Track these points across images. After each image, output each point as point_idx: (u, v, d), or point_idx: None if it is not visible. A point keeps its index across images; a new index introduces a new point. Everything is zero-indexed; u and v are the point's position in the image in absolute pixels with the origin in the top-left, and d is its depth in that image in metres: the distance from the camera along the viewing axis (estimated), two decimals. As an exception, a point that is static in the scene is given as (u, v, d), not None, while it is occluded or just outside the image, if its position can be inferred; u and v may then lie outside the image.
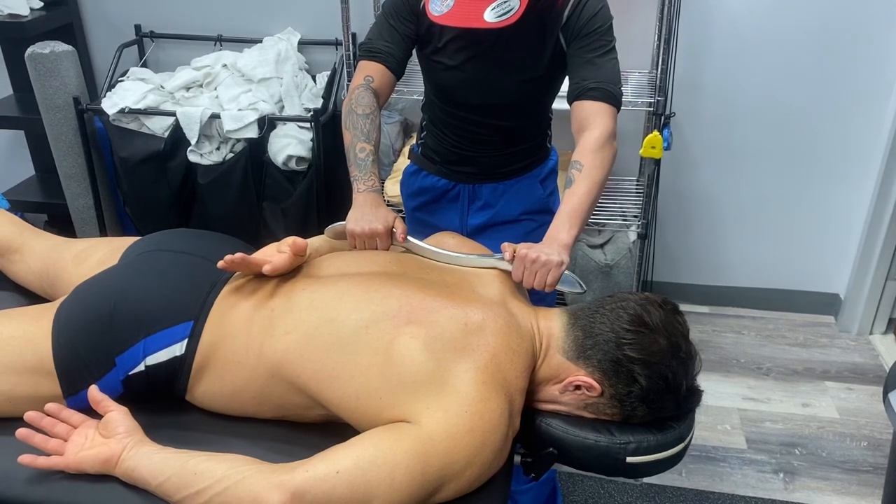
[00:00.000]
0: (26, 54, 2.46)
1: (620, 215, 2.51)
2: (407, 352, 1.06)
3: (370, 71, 1.54)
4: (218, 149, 2.53)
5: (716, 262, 2.89)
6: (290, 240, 1.22)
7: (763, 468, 2.16)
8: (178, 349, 1.14)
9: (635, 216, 2.48)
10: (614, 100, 1.45)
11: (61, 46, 2.48)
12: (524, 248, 1.27)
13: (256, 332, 1.14)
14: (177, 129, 2.50)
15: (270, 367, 1.12)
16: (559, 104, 1.63)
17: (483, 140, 1.64)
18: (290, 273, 1.24)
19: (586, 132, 1.42)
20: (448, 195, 1.73)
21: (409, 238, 1.35)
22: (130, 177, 2.60)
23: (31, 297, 1.46)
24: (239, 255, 1.17)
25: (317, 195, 2.55)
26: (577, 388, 1.15)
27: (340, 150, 2.55)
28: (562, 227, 1.32)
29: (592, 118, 1.43)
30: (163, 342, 1.14)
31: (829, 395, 2.46)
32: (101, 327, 1.14)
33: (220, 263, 1.16)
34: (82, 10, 2.87)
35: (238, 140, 2.50)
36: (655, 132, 2.25)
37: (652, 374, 1.11)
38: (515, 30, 1.43)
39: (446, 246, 1.38)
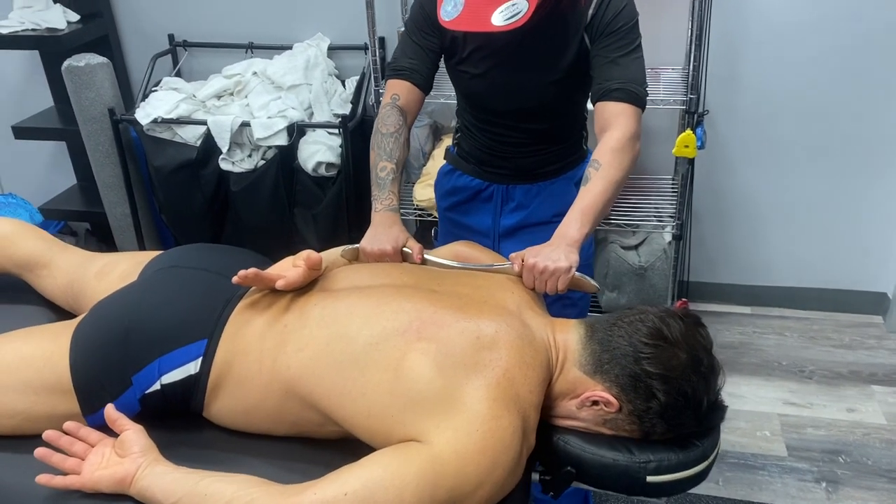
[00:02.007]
0: (63, 67, 2.52)
1: (655, 216, 2.46)
2: (416, 369, 1.04)
3: (397, 89, 1.56)
4: (249, 156, 2.56)
5: (757, 260, 2.81)
6: (305, 254, 1.22)
7: (804, 477, 2.09)
8: (192, 368, 1.14)
9: (670, 216, 2.43)
10: (638, 100, 1.43)
11: (96, 59, 2.54)
12: (532, 258, 1.26)
13: (269, 349, 1.14)
14: (208, 138, 2.53)
15: (283, 383, 1.11)
16: (591, 107, 1.60)
17: (515, 143, 1.63)
18: (306, 287, 1.23)
19: (608, 132, 1.42)
20: (481, 195, 1.73)
21: (427, 256, 1.35)
22: (165, 185, 2.65)
23: (59, 311, 1.48)
24: (252, 270, 1.17)
25: (347, 200, 2.56)
26: (595, 403, 1.12)
27: (368, 156, 2.57)
28: (572, 224, 1.32)
29: (615, 119, 1.42)
30: (177, 361, 1.14)
31: (875, 399, 2.37)
32: (116, 346, 1.15)
33: (235, 279, 1.17)
34: (118, 21, 2.92)
35: (269, 147, 2.52)
36: (688, 131, 2.20)
37: (671, 390, 1.08)
38: (537, 32, 1.42)
39: (463, 256, 1.38)
